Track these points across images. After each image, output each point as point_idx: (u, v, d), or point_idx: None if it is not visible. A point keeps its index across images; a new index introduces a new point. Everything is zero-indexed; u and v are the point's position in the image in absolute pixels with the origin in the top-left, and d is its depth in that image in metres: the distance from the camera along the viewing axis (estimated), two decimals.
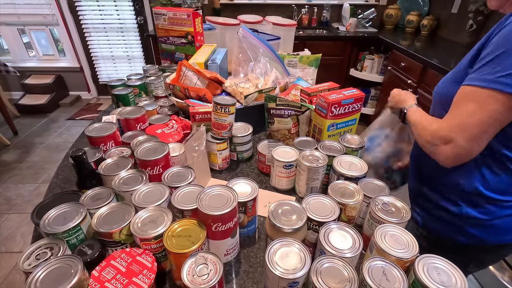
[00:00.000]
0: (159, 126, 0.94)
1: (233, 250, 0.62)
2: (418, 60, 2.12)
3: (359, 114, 0.90)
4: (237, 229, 0.60)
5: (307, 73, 1.36)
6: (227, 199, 0.56)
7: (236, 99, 1.11)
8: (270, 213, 0.56)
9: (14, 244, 1.85)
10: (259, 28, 1.55)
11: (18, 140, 2.89)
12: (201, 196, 0.57)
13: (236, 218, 0.58)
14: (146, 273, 0.49)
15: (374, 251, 0.53)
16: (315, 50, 1.57)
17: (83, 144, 1.03)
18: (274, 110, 0.93)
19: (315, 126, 0.90)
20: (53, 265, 0.47)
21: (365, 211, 0.66)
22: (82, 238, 0.57)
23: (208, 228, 0.54)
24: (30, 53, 3.60)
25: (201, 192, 0.58)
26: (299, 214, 0.57)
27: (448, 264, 0.49)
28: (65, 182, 0.86)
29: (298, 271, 0.46)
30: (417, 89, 2.17)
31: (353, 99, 0.85)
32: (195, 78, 1.10)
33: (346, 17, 3.01)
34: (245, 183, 0.66)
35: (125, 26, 3.33)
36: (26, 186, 2.31)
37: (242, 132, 0.90)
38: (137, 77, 1.26)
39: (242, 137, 0.90)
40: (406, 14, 2.98)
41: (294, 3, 3.12)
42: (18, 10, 3.23)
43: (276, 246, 0.50)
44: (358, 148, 0.81)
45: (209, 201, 0.56)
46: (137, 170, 0.70)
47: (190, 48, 1.49)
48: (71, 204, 0.58)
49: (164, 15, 1.45)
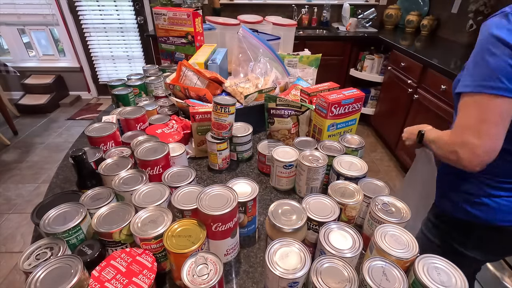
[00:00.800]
0: (159, 126, 0.94)
1: (233, 250, 0.62)
2: (418, 60, 2.12)
3: (359, 114, 0.90)
4: (237, 229, 0.60)
5: (307, 73, 1.36)
6: (227, 199, 0.56)
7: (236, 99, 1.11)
8: (270, 213, 0.56)
9: (14, 244, 1.85)
10: (259, 28, 1.55)
11: (18, 140, 2.89)
12: (201, 196, 0.57)
13: (236, 218, 0.58)
14: (146, 273, 0.49)
15: (374, 251, 0.53)
16: (315, 50, 1.57)
17: (83, 144, 1.03)
18: (274, 110, 0.93)
19: (315, 126, 0.90)
20: (53, 265, 0.47)
21: (365, 211, 0.66)
22: (82, 238, 0.57)
23: (208, 228, 0.54)
24: (30, 53, 3.60)
25: (201, 192, 0.58)
26: (299, 214, 0.57)
27: (448, 264, 0.49)
28: (65, 182, 0.86)
29: (298, 271, 0.46)
30: (417, 89, 2.17)
31: (353, 99, 0.85)
32: (195, 78, 1.10)
33: (346, 17, 3.02)
34: (245, 183, 0.66)
35: (125, 26, 3.33)
36: (26, 186, 2.31)
37: (242, 132, 0.90)
38: (137, 77, 1.26)
39: (242, 137, 0.90)
40: (406, 14, 2.98)
41: (294, 3, 3.12)
42: (18, 10, 3.23)
43: (276, 246, 0.50)
44: (358, 148, 0.81)
45: (209, 201, 0.56)
46: (137, 170, 0.70)
47: (190, 48, 1.49)
48: (71, 204, 0.58)
49: (164, 15, 1.45)
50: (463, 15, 2.43)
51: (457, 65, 1.90)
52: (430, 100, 2.01)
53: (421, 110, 2.13)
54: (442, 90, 1.86)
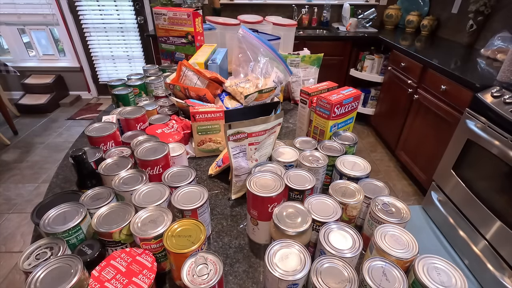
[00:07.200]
0: (159, 126, 0.94)
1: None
2: (418, 60, 2.12)
3: (356, 112, 0.91)
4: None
5: (309, 72, 1.36)
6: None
7: (236, 99, 1.12)
8: (274, 216, 0.56)
9: (14, 244, 1.85)
10: (259, 28, 1.55)
11: (18, 140, 2.88)
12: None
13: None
14: (146, 273, 0.49)
15: (374, 251, 0.53)
16: (315, 50, 1.57)
17: (83, 144, 1.03)
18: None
19: (316, 128, 0.90)
20: (53, 265, 0.47)
21: (365, 211, 0.66)
22: (82, 238, 0.57)
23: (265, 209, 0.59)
24: (30, 53, 3.60)
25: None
26: (304, 216, 0.56)
27: (448, 264, 0.49)
28: (65, 182, 0.85)
29: (297, 272, 0.46)
30: (417, 89, 2.17)
31: (352, 98, 0.85)
32: (195, 78, 1.10)
33: (346, 17, 3.02)
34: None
35: (125, 26, 3.33)
36: (26, 186, 2.31)
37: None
38: (137, 77, 1.26)
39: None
40: (406, 14, 2.98)
41: (294, 3, 3.12)
42: (18, 10, 3.23)
43: (276, 247, 0.50)
44: (352, 144, 0.82)
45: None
46: (137, 170, 0.70)
47: (190, 48, 1.49)
48: (71, 204, 0.58)
49: (164, 15, 1.45)
50: (463, 15, 2.43)
51: (457, 65, 1.90)
52: (430, 100, 2.01)
53: (421, 110, 2.13)
54: (442, 90, 1.86)
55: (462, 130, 1.66)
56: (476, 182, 1.59)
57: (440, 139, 1.93)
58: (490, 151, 1.47)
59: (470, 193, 1.61)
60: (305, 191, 0.63)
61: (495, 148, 1.43)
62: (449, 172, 1.77)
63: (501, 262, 1.43)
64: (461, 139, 1.66)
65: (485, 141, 1.49)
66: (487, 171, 1.51)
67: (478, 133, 1.53)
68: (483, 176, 1.54)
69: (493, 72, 1.77)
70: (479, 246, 1.57)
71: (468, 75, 1.70)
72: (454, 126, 1.74)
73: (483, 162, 1.53)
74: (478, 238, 1.57)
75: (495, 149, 1.44)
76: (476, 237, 1.58)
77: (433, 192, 1.95)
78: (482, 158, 1.53)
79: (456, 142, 1.71)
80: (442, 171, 1.85)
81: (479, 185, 1.57)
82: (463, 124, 1.64)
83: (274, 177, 0.64)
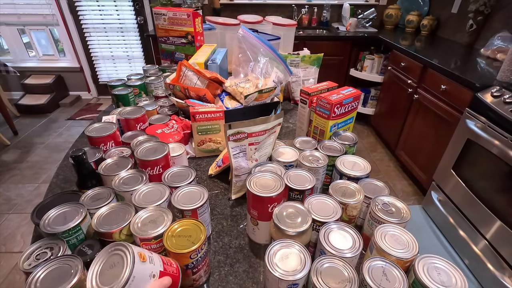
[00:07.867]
0: (159, 126, 0.94)
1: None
2: (418, 60, 2.12)
3: (356, 112, 0.90)
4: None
5: (309, 72, 1.36)
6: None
7: (236, 99, 1.12)
8: (274, 216, 0.56)
9: (14, 244, 1.85)
10: (259, 28, 1.55)
11: (18, 140, 2.89)
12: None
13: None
14: None
15: (374, 251, 0.53)
16: (315, 50, 1.57)
17: (83, 144, 1.03)
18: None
19: (316, 128, 0.90)
20: (53, 265, 0.47)
21: (365, 211, 0.66)
22: (82, 238, 0.57)
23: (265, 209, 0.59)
24: (30, 53, 3.60)
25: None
26: (304, 216, 0.56)
27: (448, 264, 0.49)
28: (65, 182, 0.86)
29: (298, 272, 0.46)
30: (417, 89, 2.17)
31: (352, 97, 0.85)
32: (195, 78, 1.10)
33: (346, 17, 3.02)
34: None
35: (125, 26, 3.33)
36: (26, 186, 2.31)
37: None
38: (137, 77, 1.26)
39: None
40: (406, 14, 2.98)
41: (294, 3, 3.12)
42: (18, 10, 3.23)
43: (276, 247, 0.50)
44: (352, 144, 0.82)
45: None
46: (137, 170, 0.70)
47: (190, 48, 1.49)
48: (71, 204, 0.58)
49: (164, 15, 1.45)
50: (463, 15, 2.43)
51: (457, 65, 1.90)
52: (430, 100, 2.01)
53: (421, 110, 2.13)
54: (442, 90, 1.86)
55: (462, 130, 1.66)
56: (476, 182, 1.59)
57: (440, 139, 1.93)
58: (490, 151, 1.47)
59: (470, 193, 1.61)
60: (305, 191, 0.63)
61: (495, 148, 1.44)
62: (449, 172, 1.77)
63: (501, 262, 1.43)
64: (461, 139, 1.67)
65: (485, 140, 1.49)
66: (487, 171, 1.51)
67: (478, 133, 1.53)
68: (483, 176, 1.54)
69: (493, 72, 1.77)
70: (479, 246, 1.57)
71: (468, 75, 1.70)
72: (454, 126, 1.74)
73: (483, 162, 1.53)
74: (478, 238, 1.57)
75: (495, 149, 1.44)
76: (476, 237, 1.58)
77: (433, 192, 1.95)
78: (482, 158, 1.53)
79: (456, 142, 1.71)
80: (442, 171, 1.85)
81: (479, 185, 1.57)
82: (463, 124, 1.64)
83: (274, 177, 0.64)
